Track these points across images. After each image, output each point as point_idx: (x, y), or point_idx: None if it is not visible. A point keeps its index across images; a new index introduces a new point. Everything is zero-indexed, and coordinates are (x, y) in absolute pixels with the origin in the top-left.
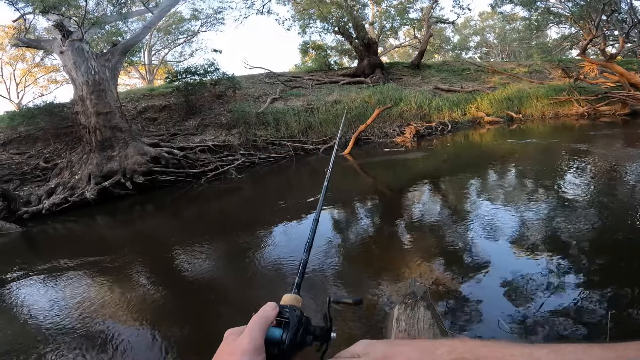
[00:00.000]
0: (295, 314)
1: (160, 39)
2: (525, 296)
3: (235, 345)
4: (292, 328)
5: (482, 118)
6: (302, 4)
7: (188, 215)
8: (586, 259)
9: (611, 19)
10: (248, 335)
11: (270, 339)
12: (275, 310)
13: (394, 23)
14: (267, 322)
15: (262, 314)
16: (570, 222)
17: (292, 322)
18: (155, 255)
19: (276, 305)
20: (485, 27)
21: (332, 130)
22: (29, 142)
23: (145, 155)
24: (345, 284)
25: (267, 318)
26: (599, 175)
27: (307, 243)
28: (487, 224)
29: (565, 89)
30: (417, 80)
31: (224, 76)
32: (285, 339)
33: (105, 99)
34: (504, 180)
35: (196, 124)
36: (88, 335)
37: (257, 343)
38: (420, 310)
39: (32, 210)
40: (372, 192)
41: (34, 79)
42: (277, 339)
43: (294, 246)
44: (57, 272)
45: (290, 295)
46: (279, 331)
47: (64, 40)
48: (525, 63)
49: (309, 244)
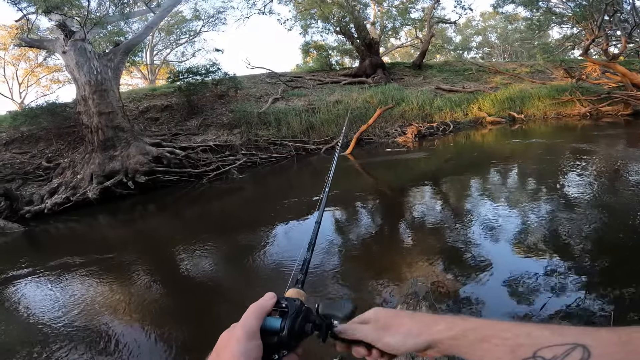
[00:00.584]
0: (295, 303)
1: (162, 39)
2: (527, 296)
3: (230, 334)
4: (291, 316)
5: (484, 118)
6: (303, 4)
7: (190, 215)
8: (589, 260)
9: (614, 19)
10: (242, 322)
11: (269, 329)
12: (273, 299)
13: (395, 23)
14: (263, 310)
15: (259, 302)
16: (573, 222)
17: (291, 311)
18: (157, 255)
19: (274, 295)
20: (487, 27)
21: (333, 131)
22: (32, 141)
23: (147, 155)
24: (347, 283)
25: (263, 306)
26: (601, 175)
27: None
28: (489, 224)
29: (568, 89)
30: (419, 81)
31: (226, 76)
32: (283, 326)
33: (107, 98)
34: (506, 180)
35: (198, 124)
36: (89, 333)
37: (250, 330)
38: (422, 310)
39: (34, 209)
40: (374, 192)
41: (36, 78)
42: (275, 328)
43: (295, 246)
44: (59, 272)
45: (294, 289)
46: (278, 320)
47: (67, 40)
48: (527, 63)
49: (312, 243)
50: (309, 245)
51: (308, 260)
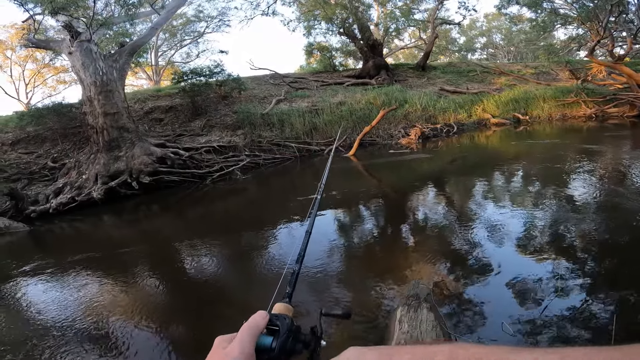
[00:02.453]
0: (286, 322)
1: (166, 40)
2: (529, 298)
3: (225, 353)
4: (282, 336)
5: (488, 120)
6: (307, 5)
7: (193, 216)
8: (592, 262)
9: (619, 20)
10: (238, 344)
11: (261, 347)
12: (265, 319)
13: (398, 24)
14: (257, 331)
15: (252, 323)
16: (577, 224)
17: (282, 330)
18: (160, 255)
19: (266, 314)
20: (492, 28)
21: (336, 132)
22: (38, 142)
23: (151, 156)
24: (348, 285)
25: (257, 327)
26: (607, 177)
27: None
28: (492, 226)
29: (573, 91)
30: (423, 82)
31: (230, 77)
32: (275, 346)
33: (112, 99)
34: (510, 182)
35: (202, 125)
36: (91, 332)
37: (247, 351)
38: (423, 312)
39: (39, 209)
40: (377, 194)
41: (43, 79)
42: (267, 346)
43: (297, 248)
44: (63, 271)
45: (282, 304)
46: (269, 339)
47: (73, 41)
48: (532, 64)
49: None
50: (298, 257)
51: (297, 272)
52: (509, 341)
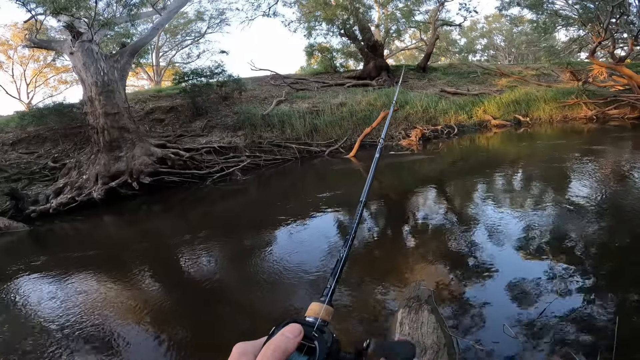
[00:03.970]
0: (325, 338)
1: (167, 40)
2: (530, 300)
3: None
4: (320, 358)
5: (489, 121)
6: (307, 6)
7: (193, 216)
8: (593, 263)
9: (620, 21)
10: None
11: None
12: (298, 337)
13: (399, 25)
14: (285, 355)
15: (280, 343)
16: (578, 226)
17: (321, 352)
18: (160, 256)
19: (301, 330)
20: (493, 30)
21: (337, 133)
22: (38, 142)
23: (152, 156)
24: (349, 286)
25: (286, 350)
26: (607, 179)
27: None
28: (493, 228)
29: (574, 92)
30: (423, 83)
31: (231, 78)
32: None
33: (113, 99)
34: (510, 184)
35: (202, 126)
36: (91, 332)
37: None
38: (424, 313)
39: (39, 209)
40: (377, 195)
41: (44, 79)
42: None
43: (298, 248)
44: (64, 271)
45: (319, 305)
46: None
47: (74, 41)
48: (533, 66)
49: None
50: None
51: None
52: (510, 343)
